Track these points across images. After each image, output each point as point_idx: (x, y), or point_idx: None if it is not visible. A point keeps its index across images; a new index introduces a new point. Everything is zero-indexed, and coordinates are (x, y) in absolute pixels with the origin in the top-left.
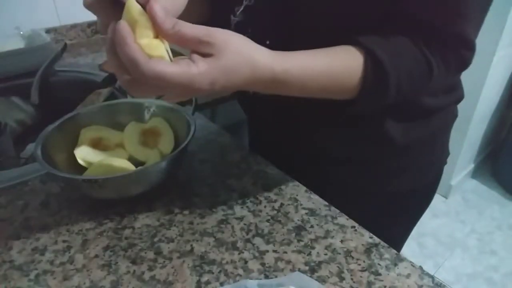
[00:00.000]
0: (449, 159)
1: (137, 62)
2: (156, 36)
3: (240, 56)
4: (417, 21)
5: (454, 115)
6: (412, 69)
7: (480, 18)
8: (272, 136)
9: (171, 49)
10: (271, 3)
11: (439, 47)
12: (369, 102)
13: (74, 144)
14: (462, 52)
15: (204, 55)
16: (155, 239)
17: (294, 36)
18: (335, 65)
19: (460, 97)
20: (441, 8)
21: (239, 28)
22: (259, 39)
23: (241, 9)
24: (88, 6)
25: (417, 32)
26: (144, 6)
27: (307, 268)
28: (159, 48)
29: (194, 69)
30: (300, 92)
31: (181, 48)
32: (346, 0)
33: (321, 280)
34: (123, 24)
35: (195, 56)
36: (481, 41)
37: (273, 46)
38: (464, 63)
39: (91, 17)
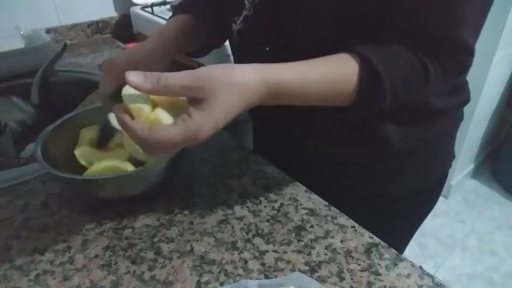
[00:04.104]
0: None
1: (139, 137)
2: (153, 102)
3: (231, 88)
4: (413, 28)
5: (459, 118)
6: (407, 76)
7: (477, 22)
8: (275, 138)
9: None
10: (269, 12)
11: (436, 53)
12: (364, 108)
13: (74, 144)
14: (461, 57)
15: (197, 100)
16: (155, 239)
17: (293, 42)
18: (330, 72)
19: (466, 100)
20: (437, 14)
21: (240, 36)
22: (258, 46)
23: (241, 18)
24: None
25: (413, 38)
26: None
27: (307, 268)
28: (156, 115)
29: (192, 124)
30: (298, 100)
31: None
32: (344, 7)
33: (321, 280)
34: (118, 109)
35: (191, 109)
36: (481, 41)
37: (272, 53)
38: (464, 67)
39: (91, 17)
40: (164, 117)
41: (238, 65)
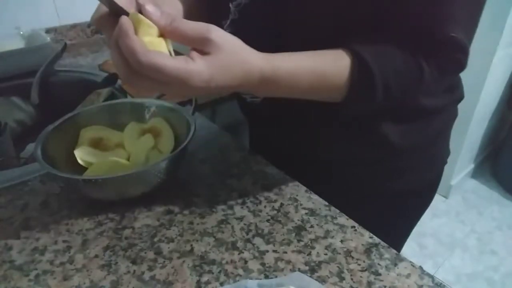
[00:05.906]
0: (449, 159)
1: (135, 51)
2: (160, 35)
3: (235, 56)
4: (407, 26)
5: (454, 115)
6: (400, 71)
7: (471, 22)
8: (273, 138)
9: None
10: (257, 15)
11: (431, 51)
12: (357, 103)
13: (74, 144)
14: (455, 55)
15: (202, 52)
16: (155, 239)
17: (285, 45)
18: (322, 64)
19: (460, 97)
20: (430, 14)
21: None
22: None
23: (228, 23)
24: (95, 23)
25: (407, 36)
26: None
27: (307, 268)
28: (160, 46)
29: (192, 65)
30: (289, 91)
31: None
32: (336, 7)
33: (321, 280)
34: (125, 19)
35: (194, 53)
36: (481, 41)
37: None
38: (459, 66)
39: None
40: (167, 50)
41: (246, 45)
